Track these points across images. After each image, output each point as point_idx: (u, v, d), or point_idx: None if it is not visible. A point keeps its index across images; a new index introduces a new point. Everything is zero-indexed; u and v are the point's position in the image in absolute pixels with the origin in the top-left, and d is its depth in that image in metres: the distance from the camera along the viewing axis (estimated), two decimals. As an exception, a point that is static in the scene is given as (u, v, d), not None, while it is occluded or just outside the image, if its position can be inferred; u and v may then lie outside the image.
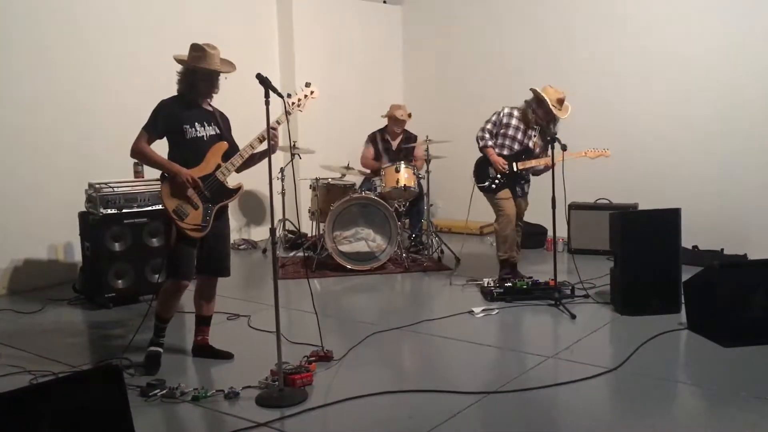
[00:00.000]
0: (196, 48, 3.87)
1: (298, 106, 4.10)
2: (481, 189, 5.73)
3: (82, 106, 6.26)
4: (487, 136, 5.65)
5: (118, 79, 6.48)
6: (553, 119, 5.48)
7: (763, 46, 6.44)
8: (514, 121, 5.61)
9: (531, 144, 5.60)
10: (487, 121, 5.70)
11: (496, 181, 5.60)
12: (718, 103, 6.71)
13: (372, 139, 7.26)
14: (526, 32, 8.02)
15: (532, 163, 5.55)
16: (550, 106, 5.39)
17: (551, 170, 5.14)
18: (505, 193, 5.63)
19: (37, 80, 5.97)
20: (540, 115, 5.49)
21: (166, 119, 3.85)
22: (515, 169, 5.58)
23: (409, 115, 7.22)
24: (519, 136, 5.61)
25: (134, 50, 6.60)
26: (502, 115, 5.67)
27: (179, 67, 3.95)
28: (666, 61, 7.02)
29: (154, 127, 3.84)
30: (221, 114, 4.08)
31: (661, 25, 7.04)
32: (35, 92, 5.96)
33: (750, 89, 6.53)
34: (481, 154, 5.73)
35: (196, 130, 3.89)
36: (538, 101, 5.50)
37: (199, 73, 3.87)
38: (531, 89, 5.57)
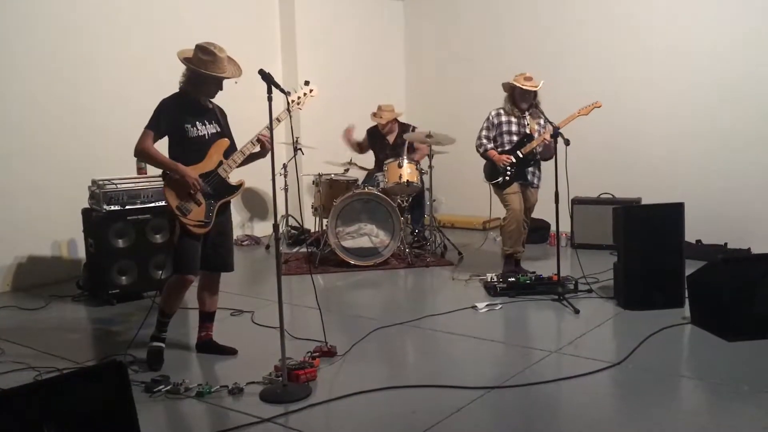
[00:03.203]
0: (205, 51, 3.81)
1: (298, 104, 4.12)
2: (495, 186, 5.79)
3: (84, 103, 6.26)
4: (485, 141, 5.80)
5: (120, 75, 6.48)
6: (529, 95, 5.64)
7: (767, 41, 6.42)
8: (503, 118, 5.77)
9: (528, 130, 5.70)
10: (481, 129, 5.86)
11: (507, 173, 5.65)
12: (722, 98, 6.69)
13: (370, 133, 7.26)
14: (529, 26, 7.99)
15: (534, 143, 5.60)
16: (520, 86, 5.60)
17: (555, 164, 5.13)
18: (513, 188, 5.70)
19: (39, 77, 5.97)
20: (519, 101, 5.68)
21: (169, 119, 3.84)
22: (520, 155, 5.64)
23: (397, 113, 7.19)
24: (513, 128, 5.74)
25: (136, 46, 6.59)
26: (491, 117, 5.83)
27: (182, 64, 3.92)
28: (669, 56, 6.99)
29: (156, 127, 3.83)
30: (220, 110, 4.09)
31: (664, 21, 7.02)
32: (37, 89, 5.96)
33: (754, 83, 6.50)
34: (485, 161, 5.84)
35: (198, 129, 3.89)
36: (509, 88, 5.73)
37: (208, 78, 3.85)
38: (502, 86, 5.80)
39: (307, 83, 4.19)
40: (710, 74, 6.74)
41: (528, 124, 5.70)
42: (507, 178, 5.68)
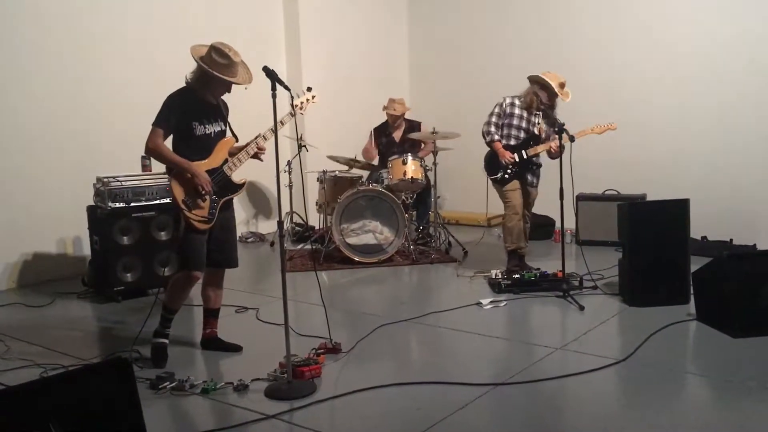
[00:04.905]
0: (220, 53, 3.79)
1: (300, 109, 4.14)
2: (494, 181, 5.75)
3: (88, 100, 6.27)
4: (493, 129, 5.66)
5: (124, 72, 6.48)
6: (556, 104, 5.53)
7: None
8: (516, 110, 5.64)
9: (536, 130, 5.62)
10: (491, 114, 5.71)
11: (508, 171, 5.61)
12: (727, 93, 6.67)
13: (375, 133, 7.26)
14: (534, 20, 7.98)
15: (540, 148, 5.56)
16: (555, 90, 5.44)
17: (559, 160, 5.12)
18: (513, 184, 5.65)
19: (43, 75, 5.98)
20: (543, 99, 5.53)
21: (177, 115, 3.83)
22: (524, 156, 5.59)
23: (407, 108, 7.20)
24: (523, 124, 5.64)
25: (140, 43, 6.60)
26: (504, 105, 5.68)
27: (188, 60, 3.88)
28: (674, 51, 6.98)
29: (167, 123, 3.82)
30: (224, 104, 4.09)
31: (670, 15, 7.00)
32: (41, 87, 5.97)
33: (759, 79, 6.48)
34: (488, 148, 5.74)
35: (205, 127, 3.90)
36: (542, 86, 5.54)
37: (220, 81, 3.84)
38: (530, 77, 5.61)
39: (309, 89, 4.26)
40: (715, 69, 6.72)
41: (538, 124, 5.63)
42: (507, 176, 5.65)
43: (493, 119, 5.68)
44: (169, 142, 3.91)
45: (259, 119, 4.51)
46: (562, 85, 5.49)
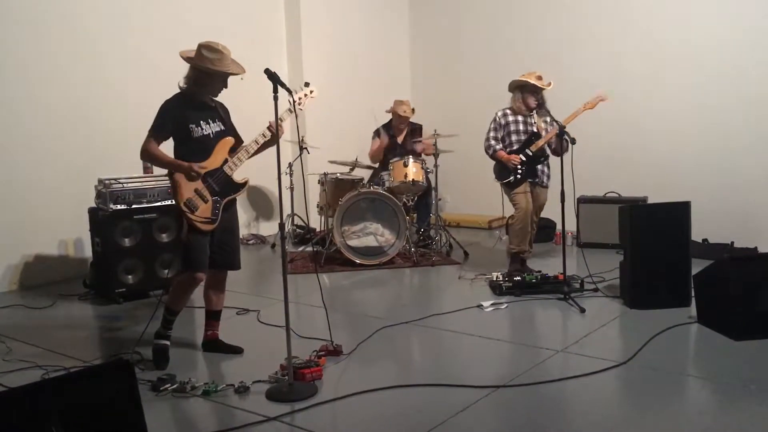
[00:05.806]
0: (210, 49, 3.82)
1: (299, 105, 4.15)
2: (505, 185, 5.77)
3: (90, 102, 6.28)
4: (493, 143, 5.79)
5: (124, 74, 6.50)
6: (542, 96, 5.64)
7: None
8: (510, 118, 5.76)
9: (535, 128, 5.69)
10: (489, 131, 5.84)
11: (518, 172, 5.64)
12: (728, 96, 6.67)
13: (378, 133, 7.27)
14: (534, 25, 7.99)
15: (542, 141, 5.59)
16: (533, 83, 5.56)
17: (561, 163, 5.13)
18: (522, 188, 5.69)
19: (45, 78, 5.99)
20: (529, 98, 5.64)
21: (173, 120, 3.86)
22: (529, 153, 5.62)
23: (413, 111, 7.21)
24: (521, 127, 5.73)
25: (141, 46, 6.61)
26: (498, 118, 5.81)
27: (186, 63, 3.93)
28: (676, 55, 6.99)
29: (162, 129, 3.85)
30: (222, 106, 4.10)
31: (670, 18, 7.01)
32: (43, 90, 5.98)
33: (760, 81, 6.49)
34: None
35: (203, 129, 3.91)
36: (520, 87, 5.68)
37: (216, 75, 3.86)
38: (509, 85, 5.74)
39: (307, 84, 4.26)
40: (716, 72, 6.73)
41: (535, 123, 5.69)
42: (518, 176, 5.67)
43: (491, 134, 5.81)
44: (169, 148, 3.92)
45: (260, 121, 4.50)
46: (539, 78, 5.61)
